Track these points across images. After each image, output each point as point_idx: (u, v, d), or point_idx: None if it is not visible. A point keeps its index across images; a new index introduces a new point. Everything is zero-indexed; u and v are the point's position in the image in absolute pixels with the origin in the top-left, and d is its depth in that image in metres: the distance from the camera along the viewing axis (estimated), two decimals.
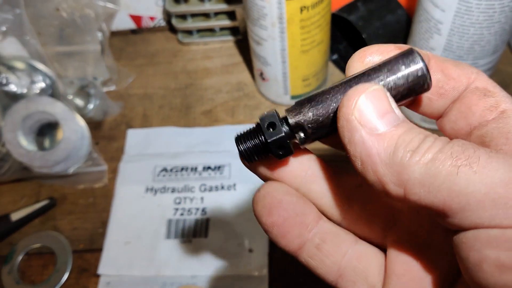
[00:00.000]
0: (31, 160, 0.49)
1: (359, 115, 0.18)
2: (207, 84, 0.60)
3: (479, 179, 0.16)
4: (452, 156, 0.16)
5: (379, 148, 0.17)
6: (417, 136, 0.17)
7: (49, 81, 0.50)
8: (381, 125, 0.18)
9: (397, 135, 0.18)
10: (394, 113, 0.18)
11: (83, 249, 0.49)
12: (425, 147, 0.17)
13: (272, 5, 0.44)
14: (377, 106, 0.18)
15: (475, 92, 0.20)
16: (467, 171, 0.16)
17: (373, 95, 0.18)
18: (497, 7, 0.39)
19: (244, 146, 0.21)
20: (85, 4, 0.50)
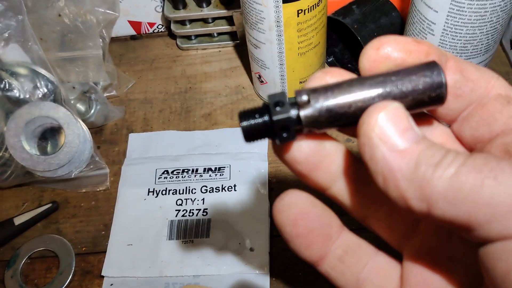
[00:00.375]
0: (34, 164, 0.50)
1: (380, 132, 0.18)
2: (206, 88, 0.61)
3: (504, 190, 0.16)
4: (475, 169, 0.16)
5: (401, 164, 0.17)
6: (439, 151, 0.17)
7: (51, 86, 0.50)
8: (402, 141, 0.18)
9: (418, 150, 0.17)
10: (413, 130, 0.18)
11: (86, 251, 0.50)
12: (448, 162, 0.17)
13: (269, 9, 0.45)
14: (397, 123, 0.18)
15: (499, 99, 0.20)
16: (492, 182, 0.16)
17: (393, 113, 0.18)
18: (488, 7, 0.40)
19: (247, 122, 0.20)
20: (87, 10, 0.51)
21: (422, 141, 0.18)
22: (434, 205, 0.17)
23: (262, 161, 0.53)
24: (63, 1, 0.50)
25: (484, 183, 0.16)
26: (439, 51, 0.20)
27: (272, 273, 0.46)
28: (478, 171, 0.16)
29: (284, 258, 0.47)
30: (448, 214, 0.17)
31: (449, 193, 0.16)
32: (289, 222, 0.22)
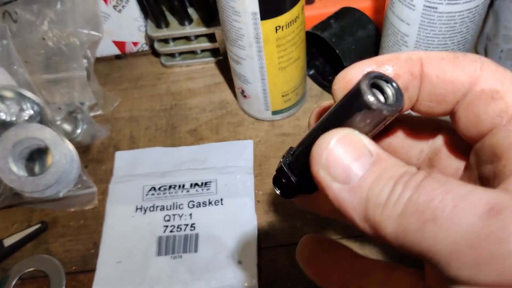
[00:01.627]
0: (22, 186, 0.50)
1: (327, 172, 0.17)
2: (191, 104, 0.62)
3: (444, 237, 0.15)
4: (418, 210, 0.15)
5: (354, 203, 0.17)
6: (386, 185, 0.16)
7: (37, 108, 0.51)
8: (351, 175, 0.17)
9: (367, 186, 0.16)
10: (363, 157, 0.17)
11: (76, 270, 0.50)
12: (395, 199, 0.16)
13: (248, 26, 0.46)
14: (343, 155, 0.17)
15: (482, 96, 0.18)
16: (432, 227, 0.15)
17: (336, 146, 0.17)
18: (457, 19, 0.41)
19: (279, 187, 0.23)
20: (70, 32, 0.52)
21: (372, 170, 0.17)
22: (390, 243, 0.16)
23: (248, 174, 0.54)
24: (46, 25, 0.51)
25: (425, 227, 0.15)
26: (408, 63, 0.19)
27: (260, 285, 0.47)
28: (420, 212, 0.15)
29: (272, 270, 0.48)
30: (405, 250, 0.16)
31: (398, 234, 0.16)
32: (304, 264, 0.23)
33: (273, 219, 0.51)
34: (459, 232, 0.14)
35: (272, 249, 0.49)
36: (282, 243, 0.49)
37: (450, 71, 0.19)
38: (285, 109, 0.57)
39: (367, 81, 0.17)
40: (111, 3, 0.62)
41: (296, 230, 0.50)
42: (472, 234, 0.14)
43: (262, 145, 0.57)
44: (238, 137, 0.58)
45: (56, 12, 0.51)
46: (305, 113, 0.59)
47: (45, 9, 0.51)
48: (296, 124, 0.58)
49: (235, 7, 0.45)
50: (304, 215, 0.51)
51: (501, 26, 0.55)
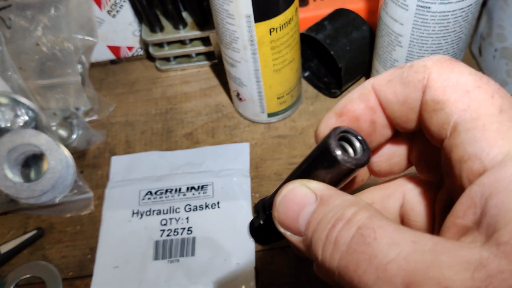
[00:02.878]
0: (18, 192, 0.50)
1: (283, 227, 0.19)
2: (186, 108, 0.62)
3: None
4: (351, 263, 0.16)
5: (307, 251, 0.18)
6: (324, 231, 0.17)
7: (32, 113, 0.51)
8: (300, 228, 0.18)
9: (309, 237, 0.18)
10: (308, 206, 0.18)
11: (73, 276, 0.50)
12: (329, 249, 0.17)
13: (242, 29, 0.46)
14: (288, 212, 0.18)
15: (427, 108, 0.18)
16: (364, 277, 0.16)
17: (283, 200, 0.19)
18: (450, 18, 0.42)
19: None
20: (64, 38, 0.52)
21: (313, 219, 0.18)
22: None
23: (244, 177, 0.54)
24: (40, 31, 0.51)
25: (360, 275, 0.16)
26: (360, 98, 0.20)
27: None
28: (353, 263, 0.16)
29: (270, 272, 0.48)
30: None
31: (340, 281, 0.17)
32: None
33: None
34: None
35: (269, 251, 0.49)
36: (279, 246, 0.49)
37: (400, 91, 0.18)
38: (281, 111, 0.57)
39: (333, 138, 0.18)
40: (105, 8, 0.62)
41: None
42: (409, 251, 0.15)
43: (258, 148, 0.57)
44: (234, 140, 0.58)
45: (50, 18, 0.51)
46: (300, 115, 0.59)
47: (39, 15, 0.51)
48: (292, 126, 0.58)
49: (229, 10, 0.45)
50: None
51: (495, 25, 0.55)
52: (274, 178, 0.54)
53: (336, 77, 0.61)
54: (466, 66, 0.18)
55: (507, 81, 0.55)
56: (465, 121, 0.17)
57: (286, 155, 0.56)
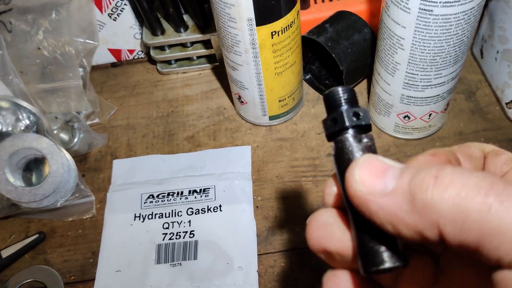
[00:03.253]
0: (20, 196, 0.50)
1: (363, 187, 0.18)
2: (188, 111, 0.62)
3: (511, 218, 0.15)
4: (481, 192, 0.16)
5: (398, 203, 0.17)
6: (429, 173, 0.17)
7: (33, 118, 0.51)
8: (386, 184, 0.18)
9: (406, 182, 0.17)
10: (392, 167, 0.18)
11: (75, 280, 0.50)
12: (445, 182, 0.16)
13: (244, 32, 0.46)
14: (373, 170, 0.18)
15: (490, 154, 0.23)
16: (499, 208, 0.15)
17: (364, 164, 0.18)
18: (453, 21, 0.41)
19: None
20: (65, 42, 0.52)
21: (406, 172, 0.18)
22: (443, 230, 0.16)
23: (246, 180, 0.54)
24: (41, 34, 0.51)
25: (492, 208, 0.15)
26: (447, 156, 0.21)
27: None
28: (484, 194, 0.16)
29: (272, 276, 0.48)
30: (458, 238, 0.16)
31: (456, 216, 0.16)
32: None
33: (272, 225, 0.51)
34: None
35: (272, 254, 0.49)
36: (281, 249, 0.49)
37: (466, 148, 0.23)
38: (282, 114, 0.57)
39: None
40: (106, 11, 0.62)
41: (296, 235, 0.50)
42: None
43: (260, 151, 0.57)
44: (236, 143, 0.58)
45: (51, 22, 0.51)
46: (302, 117, 0.59)
47: (40, 19, 0.51)
48: (294, 128, 0.58)
49: (231, 13, 0.45)
50: (303, 220, 0.51)
51: (496, 27, 0.55)
52: (276, 181, 0.54)
53: (337, 79, 0.61)
54: None
55: (509, 83, 0.54)
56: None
57: (288, 158, 0.55)
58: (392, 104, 0.52)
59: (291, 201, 0.52)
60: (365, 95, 0.61)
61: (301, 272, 0.48)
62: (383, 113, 0.54)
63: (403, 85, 0.49)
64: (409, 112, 0.51)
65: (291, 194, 0.53)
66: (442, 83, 0.48)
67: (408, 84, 0.48)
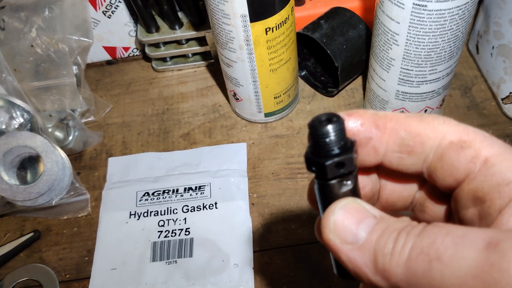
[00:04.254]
0: (14, 195, 0.50)
1: (336, 236, 0.19)
2: (183, 108, 0.62)
3: (450, 272, 0.16)
4: (423, 253, 0.16)
5: (364, 259, 0.18)
6: (390, 236, 0.18)
7: (27, 116, 0.51)
8: (358, 236, 0.18)
9: (373, 242, 0.18)
10: (367, 218, 0.19)
11: (70, 279, 0.50)
12: (400, 246, 0.17)
13: (238, 29, 0.46)
14: (349, 219, 0.19)
15: (451, 147, 0.20)
16: (438, 265, 0.16)
17: (341, 212, 0.19)
18: (447, 16, 0.41)
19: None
20: (59, 39, 0.52)
21: (376, 228, 0.18)
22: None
23: (242, 177, 0.54)
24: (34, 32, 0.51)
25: (432, 267, 0.16)
26: (374, 116, 0.21)
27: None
28: (425, 254, 0.16)
29: (268, 273, 0.48)
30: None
31: (409, 278, 0.17)
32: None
33: (268, 222, 0.51)
34: (463, 267, 0.16)
35: (268, 251, 0.49)
36: (277, 246, 0.49)
37: (415, 125, 0.21)
38: (278, 111, 0.57)
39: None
40: (100, 9, 0.61)
41: (291, 232, 0.50)
42: (475, 267, 0.15)
43: (256, 148, 0.56)
44: (231, 140, 0.58)
45: (44, 19, 0.51)
46: (298, 114, 0.59)
47: (33, 16, 0.51)
48: (289, 125, 0.58)
49: (225, 10, 0.45)
50: (299, 217, 0.51)
51: (492, 22, 0.55)
52: (271, 178, 0.54)
53: (333, 76, 0.60)
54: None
55: (504, 78, 0.54)
56: (495, 155, 0.19)
57: (284, 155, 0.55)
58: (387, 100, 0.51)
59: (287, 198, 0.52)
60: (361, 91, 0.60)
61: (297, 269, 0.48)
62: (378, 109, 0.54)
63: (398, 81, 0.48)
64: (404, 108, 0.51)
65: (287, 191, 0.53)
66: (437, 78, 0.48)
67: (403, 80, 0.48)
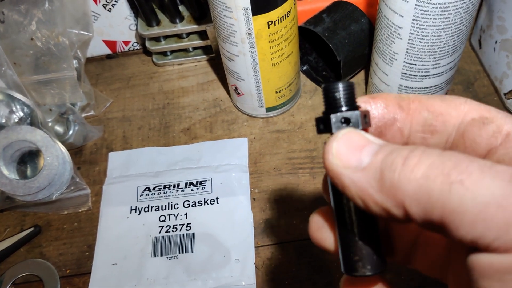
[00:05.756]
0: (14, 189, 0.49)
1: (339, 160, 0.18)
2: (184, 103, 0.61)
3: (471, 197, 0.15)
4: (443, 173, 0.16)
5: (369, 179, 0.17)
6: (399, 154, 0.17)
7: (27, 110, 0.50)
8: (361, 159, 0.18)
9: (379, 161, 0.17)
10: (371, 144, 0.18)
11: (71, 274, 0.49)
12: (413, 163, 0.17)
13: (240, 22, 0.46)
14: (351, 145, 0.18)
15: (474, 123, 0.20)
16: (459, 188, 0.15)
17: (343, 139, 0.19)
18: (451, 9, 0.41)
19: None
20: (59, 32, 0.51)
21: (381, 150, 0.18)
22: (409, 210, 0.17)
23: (243, 172, 0.53)
24: (34, 25, 0.50)
25: (452, 188, 0.15)
26: (397, 98, 0.21)
27: (258, 284, 0.46)
28: (446, 174, 0.16)
29: (270, 268, 0.47)
30: (423, 218, 0.16)
31: (420, 196, 0.16)
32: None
33: (270, 217, 0.51)
34: (487, 194, 0.15)
35: (269, 247, 0.49)
36: (279, 241, 0.49)
37: (438, 105, 0.21)
38: (279, 106, 0.57)
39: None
40: (101, 2, 0.61)
41: (293, 227, 0.50)
42: (500, 196, 0.15)
43: (257, 143, 0.56)
44: (233, 135, 0.57)
45: (44, 12, 0.50)
46: (299, 109, 0.59)
47: (33, 9, 0.50)
48: (291, 120, 0.58)
49: (226, 3, 0.44)
50: (301, 212, 0.50)
51: (495, 16, 0.54)
52: (273, 173, 0.53)
53: (335, 70, 0.60)
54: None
55: (507, 73, 0.54)
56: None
57: (285, 150, 0.55)
58: None
59: (288, 193, 0.52)
60: (363, 86, 0.60)
61: (298, 264, 0.47)
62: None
63: (401, 75, 0.48)
64: None
65: (288, 186, 0.52)
66: (440, 73, 0.47)
67: (406, 74, 0.48)
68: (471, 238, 0.15)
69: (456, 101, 0.21)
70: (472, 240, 0.16)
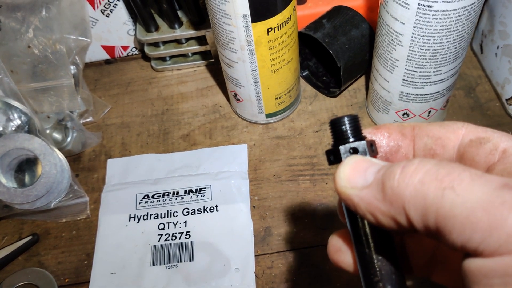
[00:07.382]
0: (12, 197, 0.49)
1: (347, 182, 0.20)
2: (183, 109, 0.61)
3: (461, 202, 0.16)
4: (438, 179, 0.17)
5: (374, 192, 0.19)
6: (399, 164, 0.18)
7: (24, 117, 0.50)
8: (367, 178, 0.19)
9: (380, 176, 0.19)
10: (374, 165, 0.20)
11: (69, 283, 0.49)
12: (410, 171, 0.18)
13: (239, 29, 0.45)
14: (356, 168, 0.20)
15: (472, 144, 0.22)
16: (450, 194, 0.16)
17: (349, 163, 0.20)
18: (453, 17, 0.40)
19: None
20: (56, 39, 0.51)
21: (383, 168, 0.19)
22: (409, 215, 0.18)
23: (243, 179, 0.53)
24: (31, 32, 0.50)
25: (444, 193, 0.17)
26: (399, 127, 0.23)
27: None
28: (439, 180, 0.17)
29: (270, 277, 0.47)
30: (421, 222, 0.17)
31: (417, 201, 0.17)
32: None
33: (270, 225, 0.50)
34: (475, 199, 0.16)
35: (269, 255, 0.48)
36: (279, 249, 0.49)
37: (437, 130, 0.23)
38: (279, 112, 0.56)
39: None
40: (99, 8, 0.60)
41: (293, 235, 0.49)
42: (486, 201, 0.16)
43: (257, 149, 0.56)
44: (232, 141, 0.57)
45: (41, 19, 0.50)
46: (299, 115, 0.58)
47: (30, 16, 0.50)
48: (291, 126, 0.57)
49: (226, 9, 0.44)
50: (301, 220, 0.50)
51: (497, 22, 0.54)
52: (273, 180, 0.53)
53: (335, 76, 0.60)
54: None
55: (509, 79, 0.54)
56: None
57: (285, 156, 0.55)
58: (391, 101, 0.51)
59: (289, 201, 0.52)
60: (363, 91, 0.60)
61: (299, 273, 0.47)
62: (381, 111, 0.53)
63: (402, 82, 0.48)
64: (408, 109, 0.51)
65: (289, 193, 0.52)
66: (442, 80, 0.47)
67: (407, 81, 0.47)
68: (461, 242, 0.16)
69: (453, 126, 0.22)
70: (462, 245, 0.16)
